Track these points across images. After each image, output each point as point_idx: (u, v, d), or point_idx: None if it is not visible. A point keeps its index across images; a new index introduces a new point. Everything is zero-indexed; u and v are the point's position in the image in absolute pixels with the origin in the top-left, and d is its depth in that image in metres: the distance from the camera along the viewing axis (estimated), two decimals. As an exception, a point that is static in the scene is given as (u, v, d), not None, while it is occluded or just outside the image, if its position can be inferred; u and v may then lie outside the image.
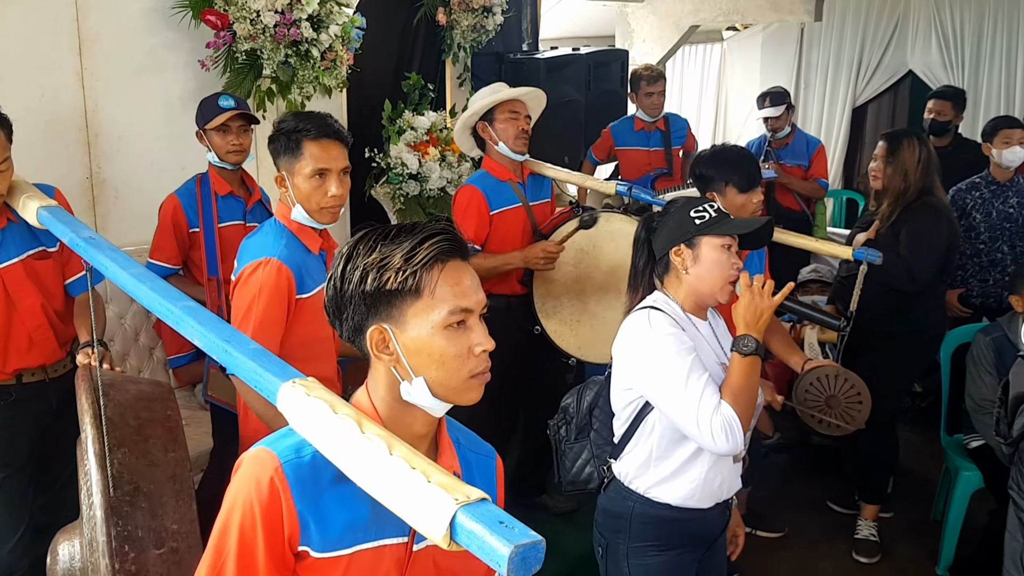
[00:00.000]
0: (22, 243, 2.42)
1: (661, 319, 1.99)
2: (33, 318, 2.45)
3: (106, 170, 3.34)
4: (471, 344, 1.22)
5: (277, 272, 2.16)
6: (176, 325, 1.47)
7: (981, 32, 6.65)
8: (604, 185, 3.52)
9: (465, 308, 1.22)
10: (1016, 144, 3.93)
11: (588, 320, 3.24)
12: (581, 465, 2.31)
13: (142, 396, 1.92)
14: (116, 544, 1.61)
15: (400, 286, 1.20)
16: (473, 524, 0.95)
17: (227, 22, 3.29)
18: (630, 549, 2.09)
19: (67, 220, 1.98)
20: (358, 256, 1.23)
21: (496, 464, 1.44)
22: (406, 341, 1.22)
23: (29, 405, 2.50)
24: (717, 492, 2.07)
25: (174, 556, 1.67)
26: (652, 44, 6.66)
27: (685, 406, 1.92)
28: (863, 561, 3.45)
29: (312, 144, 2.19)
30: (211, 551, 1.23)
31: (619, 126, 4.84)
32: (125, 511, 1.66)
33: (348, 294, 1.23)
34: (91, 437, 1.72)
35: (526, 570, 0.91)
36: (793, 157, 5.01)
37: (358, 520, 1.24)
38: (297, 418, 1.20)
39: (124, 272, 1.61)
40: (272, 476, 1.19)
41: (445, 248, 1.21)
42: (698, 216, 2.02)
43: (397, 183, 4.14)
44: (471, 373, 1.23)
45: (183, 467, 1.81)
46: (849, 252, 2.93)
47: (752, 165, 2.72)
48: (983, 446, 3.32)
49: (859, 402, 2.65)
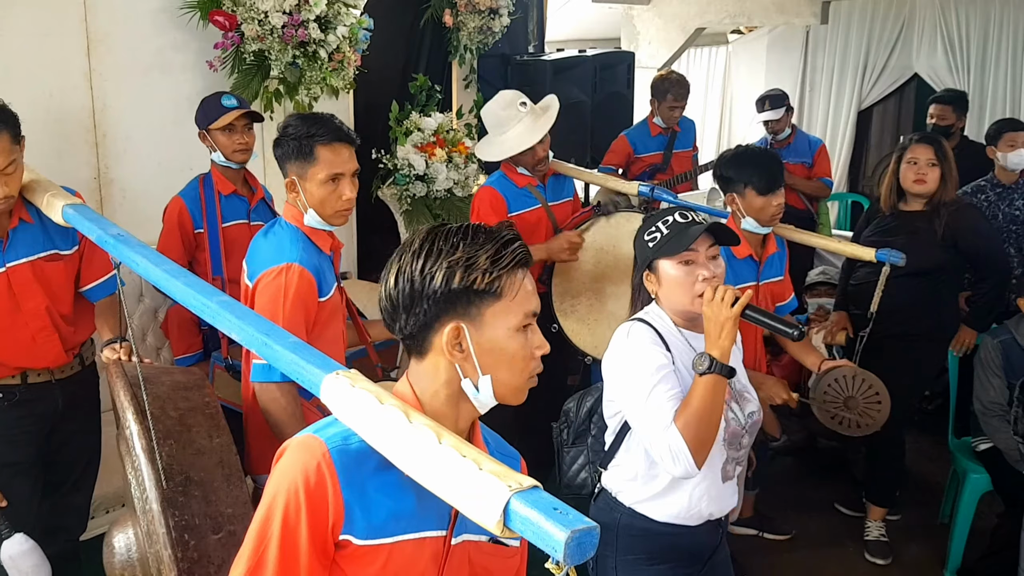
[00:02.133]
0: (33, 244, 2.41)
1: (642, 332, 1.95)
2: (37, 319, 2.44)
3: (114, 170, 3.35)
4: (535, 346, 1.28)
5: (300, 277, 2.14)
6: (213, 319, 1.47)
7: (987, 35, 6.64)
8: (626, 185, 3.52)
9: (534, 312, 1.28)
10: (1021, 147, 3.92)
11: (606, 319, 3.24)
12: (577, 470, 2.29)
13: (178, 386, 1.93)
14: (176, 534, 1.63)
15: (486, 287, 1.23)
16: (528, 510, 0.95)
17: (235, 23, 3.30)
18: (619, 562, 2.04)
19: (94, 218, 1.95)
20: (440, 254, 1.24)
21: (521, 467, 1.44)
22: (480, 340, 1.25)
23: (35, 405, 2.50)
24: (705, 512, 2.01)
25: (232, 539, 1.68)
26: (658, 46, 6.67)
27: (642, 422, 1.88)
28: (878, 562, 3.43)
29: (325, 149, 2.17)
30: (253, 536, 1.23)
31: (636, 134, 4.74)
32: (180, 501, 1.68)
33: (427, 290, 1.24)
34: (136, 432, 1.73)
35: (581, 555, 0.92)
36: (796, 155, 5.02)
37: (402, 509, 1.24)
38: (342, 409, 1.20)
39: (156, 268, 1.61)
40: (319, 462, 1.20)
41: (524, 254, 1.27)
42: (650, 239, 1.97)
43: (404, 184, 4.14)
44: (531, 374, 1.29)
45: (229, 451, 1.83)
46: (872, 253, 2.92)
47: (774, 167, 2.70)
48: (991, 448, 3.31)
49: (878, 403, 2.65)
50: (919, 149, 3.29)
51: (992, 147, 4.01)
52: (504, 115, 3.21)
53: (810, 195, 5.03)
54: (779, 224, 2.81)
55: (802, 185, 4.95)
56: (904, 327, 3.29)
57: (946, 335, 3.49)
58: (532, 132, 3.18)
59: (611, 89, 5.11)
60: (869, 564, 3.45)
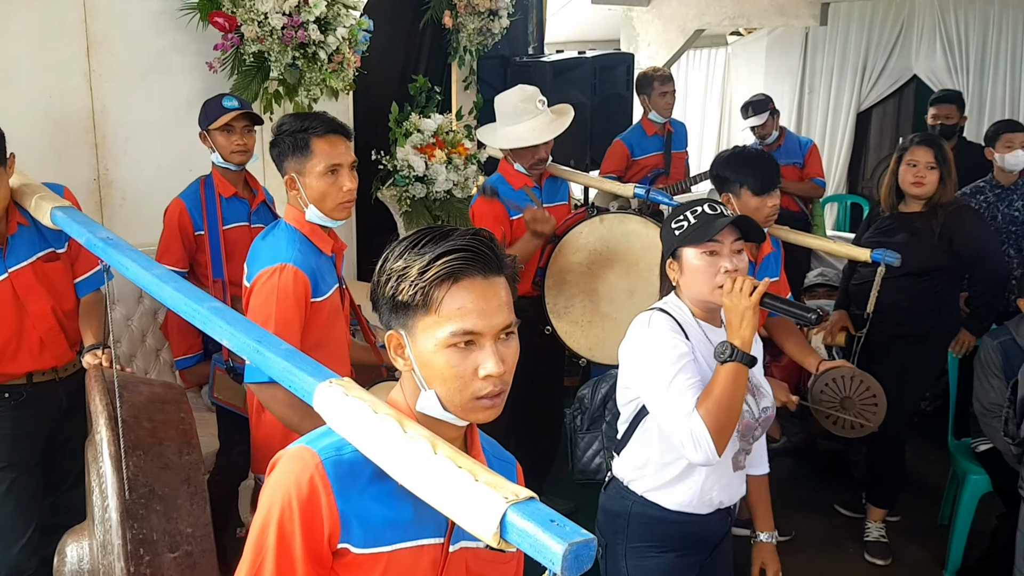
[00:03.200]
0: (31, 246, 2.41)
1: (662, 321, 1.97)
2: (44, 321, 2.45)
3: (113, 172, 3.35)
4: (476, 366, 1.19)
5: (293, 278, 2.15)
6: (203, 326, 1.45)
7: (986, 36, 6.64)
8: (622, 187, 3.53)
9: (468, 330, 1.18)
10: (1019, 148, 3.93)
11: (599, 321, 3.24)
12: (591, 455, 2.33)
13: (155, 398, 1.92)
14: (131, 547, 1.61)
15: (410, 299, 1.19)
16: (524, 522, 0.94)
17: (235, 24, 3.29)
18: (628, 549, 2.07)
19: (82, 220, 1.95)
20: (388, 259, 1.24)
21: (517, 472, 1.44)
22: (416, 352, 1.22)
23: (40, 405, 2.51)
24: (715, 500, 2.05)
25: (188, 560, 1.67)
26: (657, 48, 6.67)
27: (664, 409, 1.90)
28: (877, 563, 3.44)
29: (321, 141, 2.19)
30: (250, 548, 1.23)
31: (631, 136, 4.69)
32: (140, 514, 1.66)
33: (377, 295, 1.26)
34: (106, 439, 1.72)
35: (579, 568, 0.91)
36: (787, 156, 5.00)
37: (400, 517, 1.24)
38: (336, 418, 1.19)
39: (146, 273, 1.59)
40: (312, 473, 1.19)
41: (459, 266, 1.18)
42: (677, 227, 1.99)
43: (403, 185, 4.14)
44: (474, 395, 1.20)
45: (197, 471, 1.81)
46: (867, 254, 2.93)
47: (769, 168, 2.70)
48: (991, 450, 3.31)
49: (874, 404, 2.64)
50: (919, 151, 3.29)
51: (990, 148, 4.02)
52: (522, 107, 3.19)
53: (803, 196, 5.03)
54: (774, 225, 2.81)
55: (794, 188, 4.92)
56: (904, 328, 3.29)
57: (946, 336, 3.49)
58: (545, 131, 3.18)
59: (610, 91, 5.11)
60: (869, 565, 3.46)
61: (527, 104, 3.20)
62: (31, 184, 2.32)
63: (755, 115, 5.02)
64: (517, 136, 3.19)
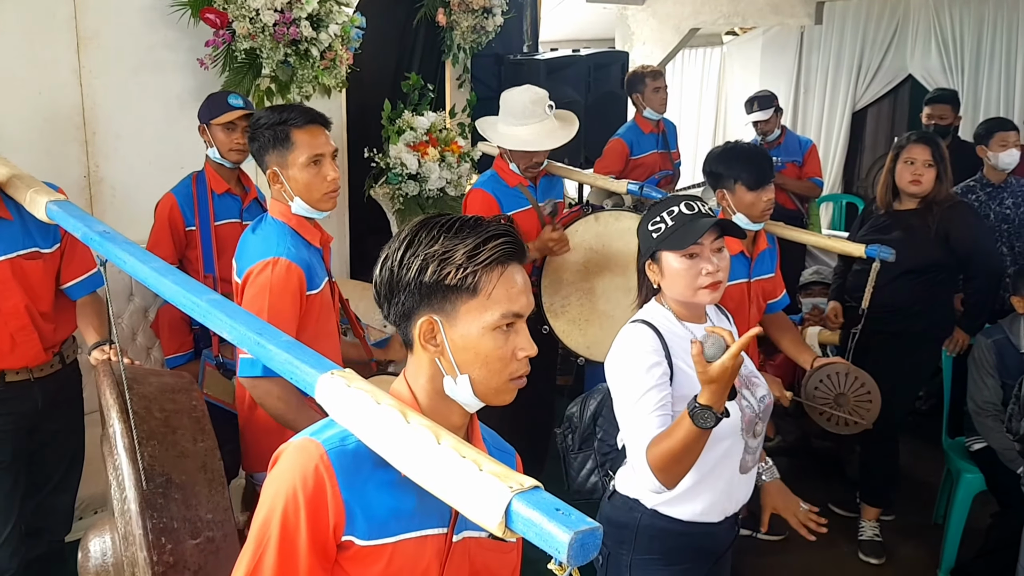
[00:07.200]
0: (12, 242, 2.37)
1: (641, 337, 1.92)
2: (16, 318, 2.40)
3: (104, 168, 3.33)
4: (516, 347, 1.24)
5: (287, 271, 2.13)
6: (203, 319, 1.44)
7: (981, 36, 6.65)
8: (615, 184, 3.51)
9: (516, 313, 1.23)
10: (1012, 146, 3.93)
11: (597, 319, 3.23)
12: (586, 475, 2.26)
13: (165, 388, 1.92)
14: (153, 537, 1.61)
15: (459, 283, 1.21)
16: (530, 511, 0.94)
17: (226, 20, 3.27)
18: (634, 561, 2.01)
19: (78, 215, 1.92)
20: (419, 244, 1.23)
21: (517, 463, 1.44)
22: (454, 337, 1.23)
23: (13, 404, 2.47)
24: (728, 505, 2.02)
25: (210, 545, 1.67)
26: (652, 47, 6.66)
27: (626, 427, 1.87)
28: (872, 562, 3.43)
29: (301, 132, 2.17)
30: (252, 540, 1.22)
31: (629, 135, 4.65)
32: (159, 503, 1.66)
33: (404, 281, 1.24)
34: (119, 432, 1.71)
35: (584, 556, 0.91)
36: (787, 154, 5.02)
37: (403, 508, 1.24)
38: (338, 410, 1.19)
39: (144, 266, 1.58)
40: (317, 464, 1.19)
41: (507, 251, 1.23)
42: (654, 229, 1.94)
43: (396, 183, 4.12)
44: (511, 376, 1.24)
45: (213, 456, 1.81)
46: (862, 249, 2.92)
47: (763, 163, 2.69)
48: (985, 448, 3.31)
49: (868, 400, 2.64)
50: (916, 149, 3.29)
51: (983, 147, 4.01)
52: (531, 109, 3.15)
53: (800, 195, 5.03)
54: (770, 221, 2.80)
55: (792, 185, 4.95)
56: (899, 326, 3.29)
57: (941, 334, 3.49)
58: (549, 138, 3.15)
59: (605, 89, 5.10)
60: (863, 564, 3.45)
61: (536, 107, 3.16)
62: (23, 176, 2.26)
63: (760, 110, 5.03)
64: (521, 138, 3.15)
